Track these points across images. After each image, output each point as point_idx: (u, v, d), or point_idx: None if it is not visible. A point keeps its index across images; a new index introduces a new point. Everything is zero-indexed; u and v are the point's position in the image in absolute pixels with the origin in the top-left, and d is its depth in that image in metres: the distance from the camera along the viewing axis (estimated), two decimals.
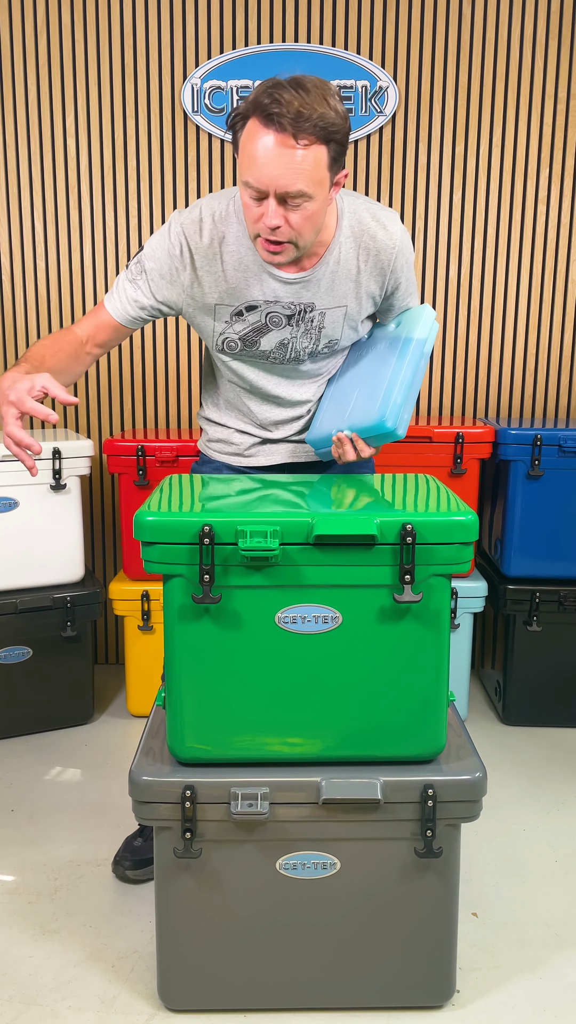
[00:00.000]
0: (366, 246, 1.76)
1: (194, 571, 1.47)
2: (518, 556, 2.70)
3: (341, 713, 1.53)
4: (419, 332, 1.80)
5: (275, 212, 1.58)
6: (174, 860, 1.55)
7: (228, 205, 1.75)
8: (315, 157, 1.56)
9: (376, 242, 1.76)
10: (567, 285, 3.04)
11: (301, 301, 1.77)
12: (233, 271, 1.75)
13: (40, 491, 2.59)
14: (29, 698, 2.68)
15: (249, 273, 1.75)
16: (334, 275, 1.76)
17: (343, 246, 1.75)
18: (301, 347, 1.82)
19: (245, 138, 1.58)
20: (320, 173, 1.58)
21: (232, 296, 1.76)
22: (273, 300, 1.76)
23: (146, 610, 2.72)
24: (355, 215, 1.76)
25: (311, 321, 1.79)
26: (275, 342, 1.81)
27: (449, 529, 1.47)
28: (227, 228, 1.74)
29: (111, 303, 1.80)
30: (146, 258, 1.77)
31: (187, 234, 1.74)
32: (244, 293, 1.76)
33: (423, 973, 1.61)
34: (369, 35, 2.88)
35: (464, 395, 3.13)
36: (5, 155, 2.94)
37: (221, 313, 1.78)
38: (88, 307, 3.03)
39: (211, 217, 1.74)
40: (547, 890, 1.98)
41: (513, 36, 2.88)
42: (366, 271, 1.78)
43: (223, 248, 1.74)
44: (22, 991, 1.68)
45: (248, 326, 1.79)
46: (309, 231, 1.64)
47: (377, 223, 1.77)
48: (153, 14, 2.87)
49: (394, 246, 1.77)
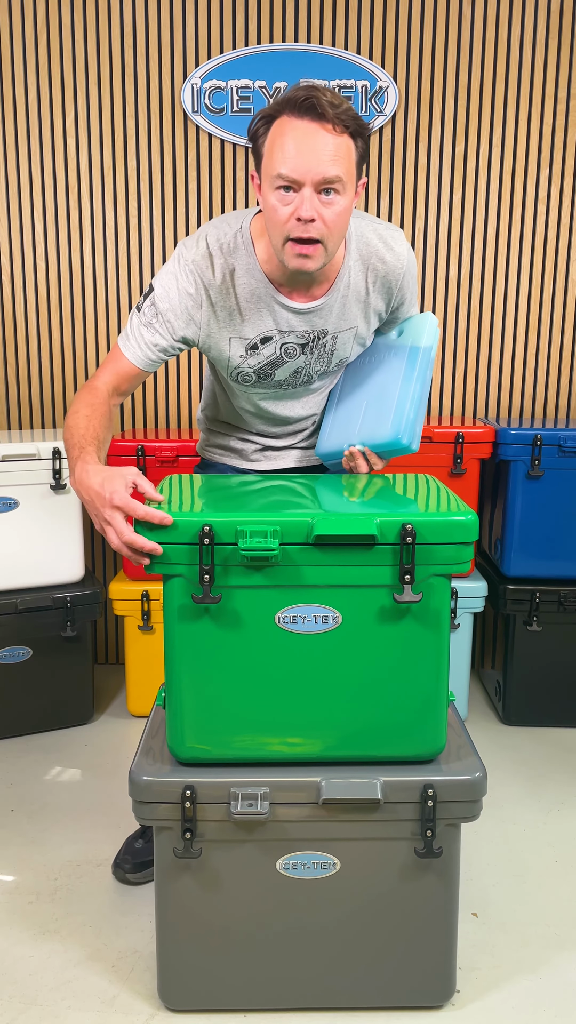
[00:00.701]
0: (374, 268, 1.76)
1: (194, 571, 1.47)
2: (518, 556, 2.70)
3: (341, 713, 1.53)
4: (425, 341, 1.79)
5: (310, 203, 1.56)
6: (174, 860, 1.55)
7: (235, 237, 1.71)
8: (348, 147, 1.57)
9: (385, 264, 1.76)
10: (567, 285, 3.04)
11: (315, 329, 1.77)
12: (246, 303, 1.73)
13: (40, 491, 2.59)
14: (29, 698, 2.68)
15: (262, 304, 1.73)
16: (344, 299, 1.76)
17: (352, 270, 1.75)
18: (314, 371, 1.83)
19: (274, 135, 1.56)
20: (351, 166, 1.59)
21: (246, 328, 1.74)
22: (287, 330, 1.75)
23: (146, 610, 2.72)
24: (362, 238, 1.75)
25: (324, 346, 1.79)
26: (289, 372, 1.81)
27: (449, 529, 1.47)
28: (236, 260, 1.71)
29: (129, 350, 1.74)
30: (159, 299, 1.72)
31: (199, 271, 1.70)
32: (258, 325, 1.74)
33: (423, 973, 1.61)
34: (369, 35, 2.88)
35: (464, 395, 3.13)
36: (5, 155, 2.94)
37: (236, 347, 1.76)
38: (88, 307, 3.03)
39: (219, 250, 1.71)
40: (547, 890, 1.98)
41: (513, 36, 2.88)
42: (374, 292, 1.78)
43: (235, 281, 1.71)
44: (22, 991, 1.68)
45: (263, 360, 1.78)
46: (338, 231, 1.62)
47: (385, 245, 1.76)
48: (153, 14, 2.87)
49: (402, 267, 1.77)
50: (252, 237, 1.72)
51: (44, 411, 3.12)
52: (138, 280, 3.02)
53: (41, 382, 3.10)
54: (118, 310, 3.04)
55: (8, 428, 3.13)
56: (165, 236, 3.00)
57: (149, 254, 3.01)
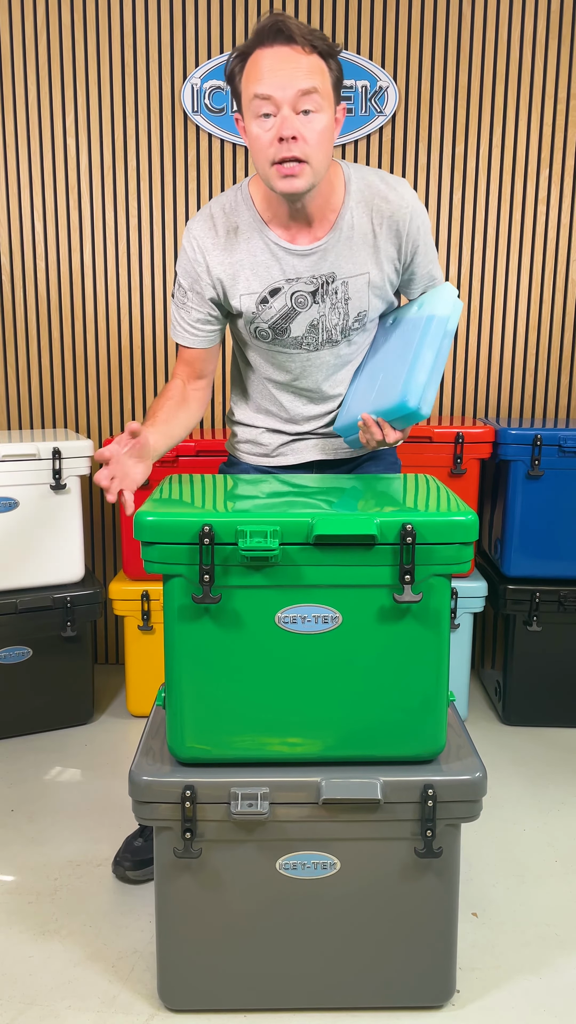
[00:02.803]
0: (378, 209, 1.77)
1: (194, 571, 1.47)
2: (518, 556, 2.70)
3: (341, 713, 1.53)
4: (440, 310, 1.77)
5: (290, 121, 1.60)
6: (174, 860, 1.55)
7: (235, 195, 1.79)
8: (320, 66, 1.62)
9: (388, 204, 1.77)
10: (567, 285, 3.04)
11: (321, 272, 1.78)
12: (251, 256, 1.78)
13: (40, 491, 2.59)
14: (29, 698, 2.68)
15: (266, 255, 1.77)
16: (349, 240, 1.78)
17: (354, 211, 1.77)
18: (332, 325, 1.82)
19: (250, 66, 1.62)
20: (326, 83, 1.63)
21: (254, 282, 1.78)
22: (295, 277, 1.78)
23: (146, 610, 2.72)
24: (363, 180, 1.78)
25: (335, 293, 1.80)
26: (305, 325, 1.82)
27: (449, 529, 1.47)
28: (239, 217, 1.78)
29: (178, 335, 1.87)
30: (181, 278, 1.84)
31: (202, 234, 1.78)
32: (265, 276, 1.78)
33: (423, 973, 1.61)
34: (369, 35, 2.88)
35: (464, 395, 3.13)
36: (5, 155, 2.94)
37: (247, 303, 1.80)
38: (88, 307, 3.04)
39: (221, 211, 1.79)
40: (547, 890, 1.98)
41: (513, 36, 2.88)
42: (382, 235, 1.79)
43: (238, 236, 1.78)
44: (22, 991, 1.68)
45: (275, 312, 1.80)
46: (322, 150, 1.65)
47: (387, 185, 1.78)
48: (153, 14, 2.87)
49: (406, 206, 1.78)
50: (251, 193, 1.79)
51: (44, 411, 3.12)
52: (138, 280, 3.02)
53: (41, 382, 3.10)
54: (118, 310, 3.04)
55: (8, 428, 3.13)
56: (165, 236, 3.00)
57: (149, 254, 3.01)
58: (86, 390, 3.10)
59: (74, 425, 3.12)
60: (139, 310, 3.04)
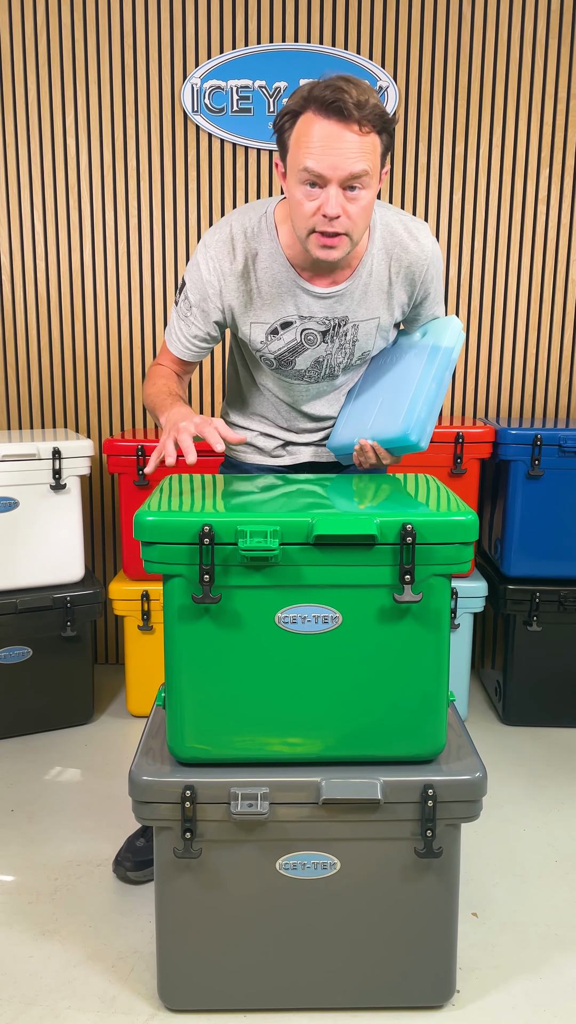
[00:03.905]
0: (398, 258, 1.77)
1: (194, 571, 1.47)
2: (518, 556, 2.70)
3: (341, 713, 1.53)
4: (446, 341, 1.78)
5: (336, 199, 1.59)
6: (174, 860, 1.55)
7: (260, 221, 1.75)
8: (373, 144, 1.59)
9: (408, 254, 1.77)
10: (567, 285, 3.04)
11: (335, 316, 1.77)
12: (267, 287, 1.75)
13: (40, 491, 2.59)
14: (29, 698, 2.68)
15: (283, 289, 1.75)
16: (367, 287, 1.77)
17: (375, 258, 1.76)
18: (336, 363, 1.83)
19: (300, 131, 1.58)
20: (376, 160, 1.61)
21: (266, 313, 1.76)
22: (308, 316, 1.76)
23: (146, 610, 2.72)
24: (387, 227, 1.77)
25: (345, 335, 1.80)
26: (310, 361, 1.82)
27: (449, 529, 1.47)
28: (259, 245, 1.74)
29: (173, 344, 1.85)
30: (190, 292, 1.79)
31: (220, 256, 1.74)
32: (279, 310, 1.76)
33: (423, 973, 1.61)
34: (369, 35, 2.88)
35: (464, 395, 3.13)
36: (5, 155, 2.94)
37: (256, 332, 1.78)
38: (88, 307, 3.03)
39: (243, 235, 1.74)
40: (547, 890, 1.98)
41: (513, 36, 2.88)
42: (397, 283, 1.78)
43: (256, 265, 1.74)
44: (22, 991, 1.68)
45: (284, 345, 1.79)
46: (363, 223, 1.65)
47: (409, 235, 1.77)
48: (153, 14, 2.87)
49: (426, 258, 1.78)
50: (276, 222, 1.75)
51: (44, 411, 3.12)
52: (138, 280, 3.02)
53: (41, 382, 3.10)
54: (118, 310, 3.04)
55: (8, 428, 3.13)
56: (165, 236, 3.00)
57: (149, 254, 3.01)
58: (86, 390, 3.10)
59: (74, 425, 3.12)
60: (139, 310, 3.04)
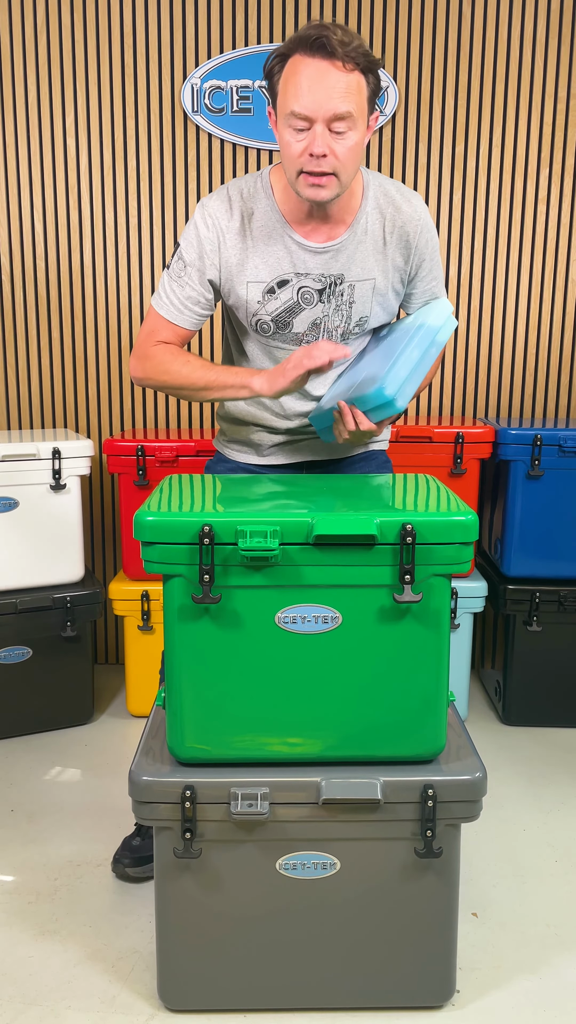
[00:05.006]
0: (391, 217, 1.80)
1: (194, 571, 1.47)
2: (518, 556, 2.70)
3: (341, 713, 1.53)
4: (433, 320, 1.79)
5: (322, 138, 1.62)
6: (174, 860, 1.55)
7: (255, 182, 1.80)
8: (359, 83, 1.63)
9: (401, 214, 1.80)
10: (567, 285, 3.04)
11: (331, 272, 1.79)
12: (263, 245, 1.78)
13: (40, 491, 2.59)
14: (29, 698, 2.68)
15: (279, 244, 1.78)
16: (362, 244, 1.79)
17: (369, 216, 1.79)
18: (333, 326, 1.83)
19: (288, 73, 1.63)
20: (362, 101, 1.64)
21: (263, 271, 1.78)
22: (303, 272, 1.79)
23: (146, 610, 2.72)
24: (380, 187, 1.81)
25: (341, 295, 1.81)
26: (308, 322, 1.82)
27: (449, 529, 1.47)
28: (255, 204, 1.78)
29: (165, 310, 1.83)
30: (184, 251, 1.80)
31: (218, 214, 1.78)
32: (275, 267, 1.78)
33: (423, 973, 1.61)
34: (369, 35, 2.88)
35: (464, 395, 3.12)
36: (5, 155, 2.94)
37: (253, 291, 1.80)
38: (88, 307, 3.03)
39: (239, 195, 1.79)
40: (547, 890, 1.98)
41: (513, 36, 2.88)
42: (392, 243, 1.81)
43: (252, 223, 1.78)
44: (22, 991, 1.68)
45: (281, 305, 1.80)
46: (351, 164, 1.68)
47: (402, 196, 1.82)
48: (153, 14, 2.86)
49: (419, 219, 1.81)
50: (271, 182, 1.79)
51: (44, 411, 3.12)
52: (138, 280, 3.02)
53: (41, 382, 3.10)
54: (118, 310, 3.04)
55: (8, 428, 3.13)
56: (165, 236, 3.00)
57: (149, 254, 3.01)
58: (86, 390, 3.10)
59: (74, 425, 3.12)
60: (139, 310, 3.04)
